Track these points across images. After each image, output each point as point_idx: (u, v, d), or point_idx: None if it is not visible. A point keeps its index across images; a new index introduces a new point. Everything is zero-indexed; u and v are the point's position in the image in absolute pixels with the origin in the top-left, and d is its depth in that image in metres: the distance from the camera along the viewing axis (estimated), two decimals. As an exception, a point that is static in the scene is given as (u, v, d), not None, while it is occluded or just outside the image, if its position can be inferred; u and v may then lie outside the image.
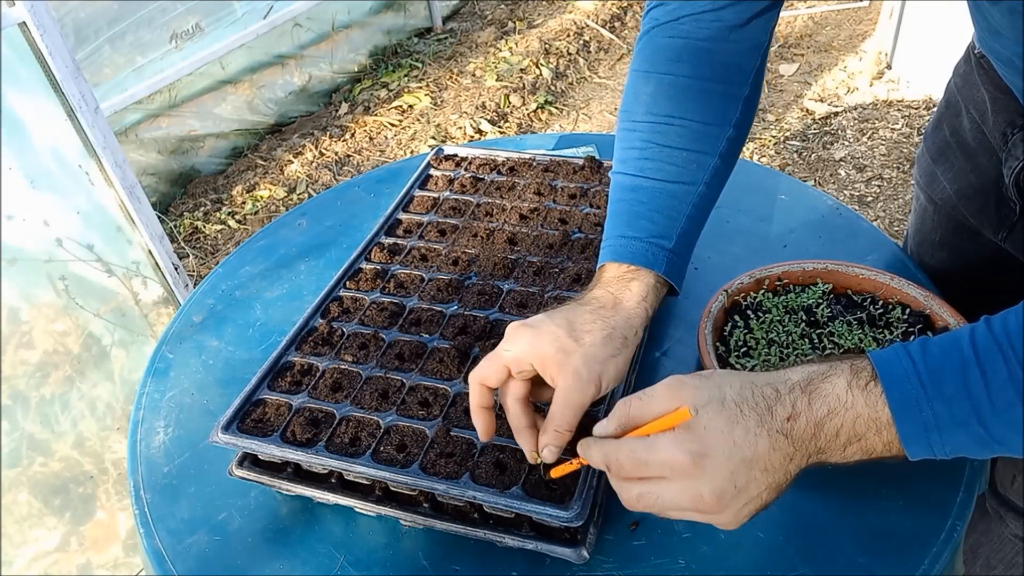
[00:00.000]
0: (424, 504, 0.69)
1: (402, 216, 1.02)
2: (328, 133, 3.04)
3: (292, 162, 2.87)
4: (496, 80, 3.25)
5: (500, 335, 0.80)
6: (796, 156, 2.76)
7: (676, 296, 0.76)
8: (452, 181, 1.08)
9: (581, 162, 1.06)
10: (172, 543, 0.72)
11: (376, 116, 3.13)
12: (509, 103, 3.14)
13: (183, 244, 2.55)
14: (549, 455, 0.62)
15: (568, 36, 3.56)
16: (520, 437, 0.64)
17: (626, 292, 0.70)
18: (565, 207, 0.99)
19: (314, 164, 2.87)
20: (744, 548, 0.67)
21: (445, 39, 3.67)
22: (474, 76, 3.34)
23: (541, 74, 3.31)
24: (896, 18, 3.00)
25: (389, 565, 0.68)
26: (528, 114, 3.12)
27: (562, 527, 0.65)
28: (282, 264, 1.06)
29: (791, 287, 0.85)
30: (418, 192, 1.06)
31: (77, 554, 1.53)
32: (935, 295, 0.80)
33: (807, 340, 0.79)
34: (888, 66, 3.14)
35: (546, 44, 3.47)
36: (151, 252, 1.64)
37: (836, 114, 2.94)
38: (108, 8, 2.33)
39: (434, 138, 2.97)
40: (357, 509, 0.70)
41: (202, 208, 2.70)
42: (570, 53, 3.47)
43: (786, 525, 0.68)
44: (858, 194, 2.56)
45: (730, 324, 0.81)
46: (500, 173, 1.08)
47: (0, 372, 1.40)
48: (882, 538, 0.66)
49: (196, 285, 1.06)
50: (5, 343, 1.40)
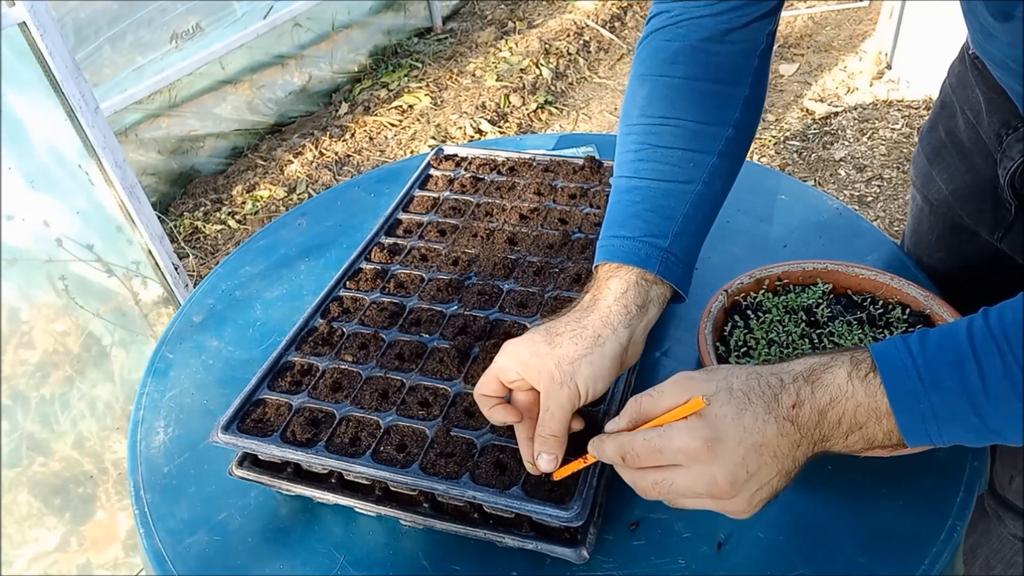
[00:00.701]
0: (424, 504, 0.69)
1: (402, 216, 1.02)
2: (328, 133, 3.03)
3: (292, 162, 2.87)
4: (496, 80, 3.25)
5: (500, 335, 0.81)
6: (796, 156, 2.76)
7: (684, 301, 0.74)
8: (452, 181, 1.08)
9: (581, 162, 1.06)
10: (172, 543, 0.72)
11: (376, 116, 3.13)
12: (509, 103, 3.14)
13: (183, 244, 2.55)
14: (544, 463, 0.63)
15: (568, 36, 3.56)
16: (522, 448, 0.66)
17: (604, 290, 0.70)
18: (565, 207, 0.99)
19: (314, 164, 2.87)
20: (744, 548, 0.67)
21: (445, 39, 3.67)
22: (474, 76, 3.34)
23: (541, 74, 3.31)
24: (896, 18, 3.00)
25: (389, 565, 0.69)
26: (528, 114, 3.12)
27: (562, 527, 0.65)
28: (282, 264, 1.06)
29: (791, 287, 0.85)
30: (418, 192, 1.06)
31: (77, 554, 1.53)
32: (935, 295, 0.80)
33: (807, 340, 0.79)
34: (888, 66, 3.14)
35: (546, 44, 3.47)
36: (151, 252, 1.64)
37: (836, 114, 2.94)
38: (108, 8, 2.33)
39: (434, 138, 2.97)
40: (357, 509, 0.70)
41: (202, 208, 2.70)
42: (570, 53, 3.47)
43: (786, 525, 0.68)
44: (858, 194, 2.56)
45: (730, 324, 0.81)
46: (500, 173, 1.08)
47: (0, 372, 1.40)
48: (882, 538, 0.66)
49: (196, 285, 1.06)
50: (5, 343, 1.40)
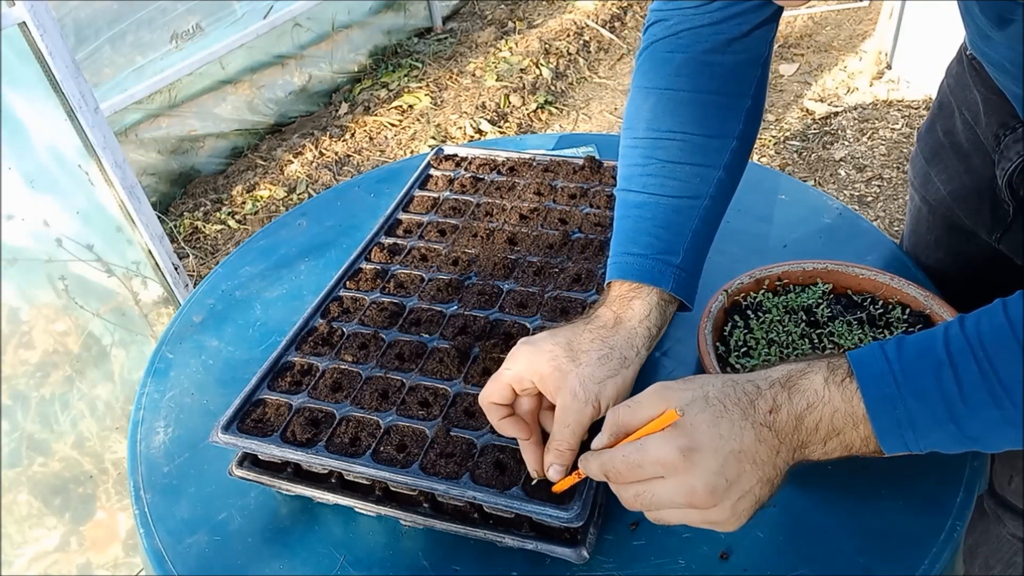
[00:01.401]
0: (424, 504, 0.69)
1: (402, 216, 1.02)
2: (328, 133, 3.03)
3: (292, 162, 2.87)
4: (496, 80, 3.25)
5: (500, 335, 0.81)
6: (796, 156, 2.76)
7: (689, 311, 0.76)
8: (452, 181, 1.08)
9: (581, 162, 1.06)
10: (172, 543, 0.72)
11: (376, 116, 3.13)
12: (509, 103, 3.14)
13: (183, 244, 2.55)
14: (554, 474, 0.63)
15: (568, 36, 3.56)
16: (525, 451, 0.66)
17: (628, 311, 0.70)
18: (565, 207, 0.99)
19: (314, 164, 2.87)
20: (744, 548, 0.67)
21: (445, 39, 3.67)
22: (474, 76, 3.34)
23: (541, 74, 3.31)
24: (896, 18, 3.00)
25: (389, 565, 0.68)
26: (528, 114, 3.12)
27: (562, 527, 0.65)
28: (282, 264, 1.06)
29: (791, 287, 0.85)
30: (418, 192, 1.06)
31: (77, 554, 1.53)
32: (935, 295, 0.80)
33: (807, 340, 0.79)
34: (888, 66, 3.14)
35: (546, 44, 3.47)
36: (151, 252, 1.64)
37: (836, 114, 2.94)
38: (108, 8, 2.33)
39: (434, 138, 2.97)
40: (357, 509, 0.70)
41: (202, 208, 2.70)
42: (570, 53, 3.47)
43: (786, 525, 0.68)
44: (858, 194, 2.56)
45: (730, 324, 0.81)
46: (500, 173, 1.08)
47: (0, 372, 1.40)
48: (882, 538, 0.66)
49: (196, 285, 1.06)
50: (5, 343, 1.40)
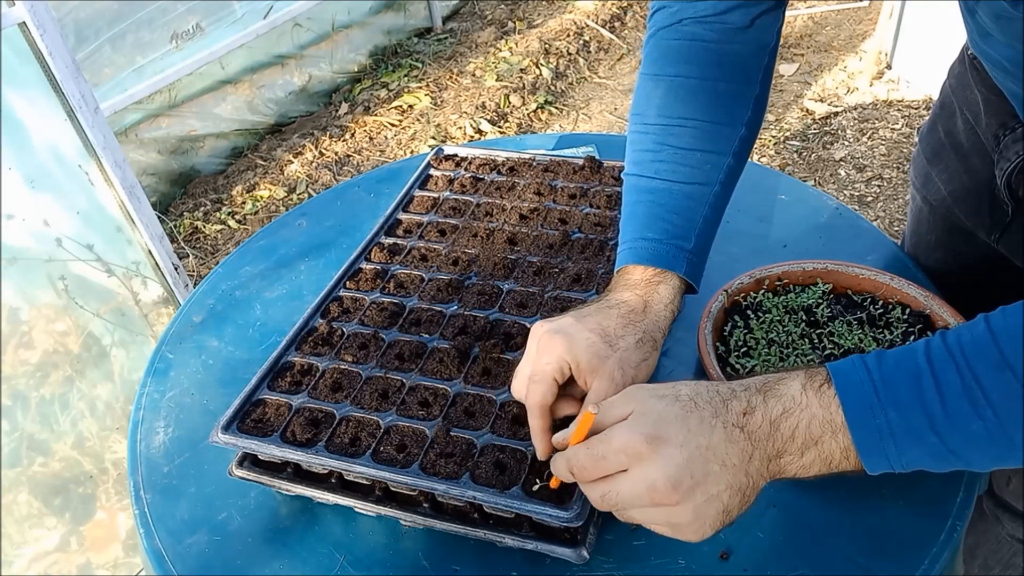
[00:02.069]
0: (424, 504, 0.69)
1: (402, 216, 1.02)
2: (328, 133, 3.03)
3: (292, 162, 2.87)
4: (496, 80, 3.25)
5: (500, 335, 0.81)
6: (796, 156, 2.76)
7: (695, 294, 0.78)
8: (452, 181, 1.08)
9: (581, 162, 1.06)
10: (172, 543, 0.72)
11: (376, 116, 3.13)
12: (509, 103, 3.14)
13: (183, 244, 2.55)
14: None
15: (568, 36, 3.56)
16: (537, 438, 0.65)
17: (654, 295, 0.72)
18: (565, 207, 0.99)
19: (314, 164, 2.87)
20: (744, 548, 0.67)
21: (445, 39, 3.67)
22: (474, 76, 3.34)
23: (541, 74, 3.31)
24: (896, 18, 3.00)
25: (389, 565, 0.68)
26: (528, 114, 3.12)
27: (562, 527, 0.65)
28: (282, 264, 1.06)
29: (791, 287, 0.85)
30: (418, 192, 1.06)
31: (77, 554, 1.53)
32: (935, 295, 0.80)
33: (807, 340, 0.79)
34: (888, 66, 3.14)
35: (546, 44, 3.47)
36: (151, 252, 1.64)
37: (836, 114, 2.94)
38: (108, 8, 2.33)
39: (434, 138, 2.97)
40: (357, 509, 0.70)
41: (202, 208, 2.70)
42: (570, 53, 3.47)
43: (786, 525, 0.68)
44: (858, 194, 2.56)
45: (730, 324, 0.81)
46: (500, 173, 1.08)
47: (0, 372, 1.40)
48: (882, 538, 0.66)
49: (196, 285, 1.06)
50: (5, 343, 1.40)
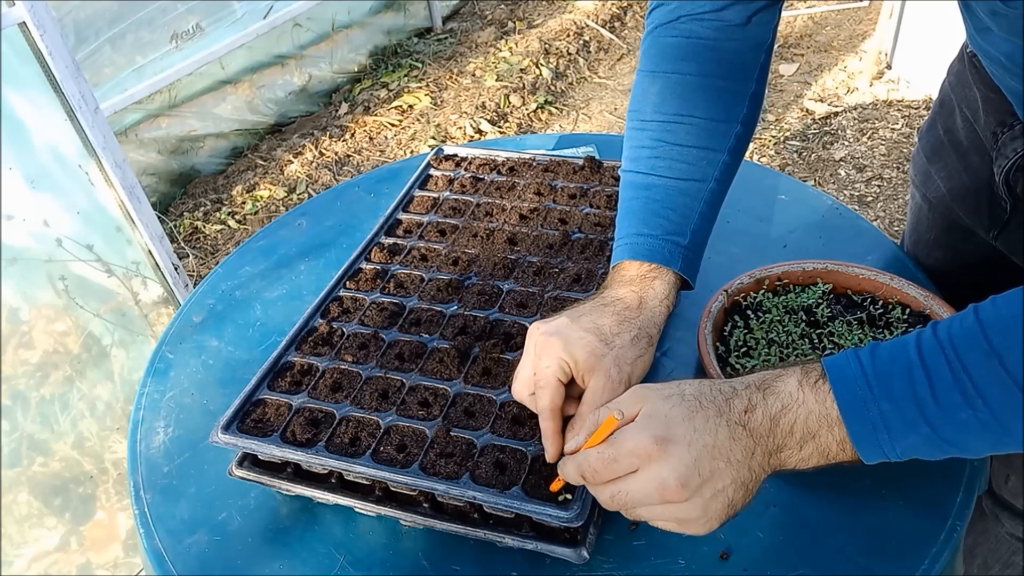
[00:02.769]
0: (424, 504, 0.69)
1: (402, 216, 1.02)
2: (328, 133, 3.03)
3: (292, 162, 2.87)
4: (496, 80, 3.25)
5: (500, 335, 0.81)
6: (796, 156, 2.76)
7: (691, 290, 0.78)
8: (452, 181, 1.08)
9: (581, 162, 1.06)
10: (172, 543, 0.72)
11: (376, 116, 3.13)
12: (509, 103, 3.14)
13: (183, 244, 2.55)
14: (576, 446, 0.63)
15: (568, 36, 3.56)
16: (549, 440, 0.65)
17: (649, 291, 0.72)
18: (565, 207, 0.99)
19: (314, 164, 2.87)
20: (744, 548, 0.67)
21: (445, 39, 3.67)
22: (474, 76, 3.34)
23: (541, 74, 3.31)
24: (896, 18, 3.00)
25: (389, 565, 0.68)
26: (528, 114, 3.12)
27: (562, 527, 0.65)
28: (282, 264, 1.06)
29: (791, 287, 0.85)
30: (418, 192, 1.06)
31: (77, 554, 1.53)
32: (935, 295, 0.80)
33: (807, 340, 0.79)
34: (888, 66, 3.14)
35: (546, 44, 3.47)
36: (151, 252, 1.64)
37: (836, 114, 2.94)
38: (108, 8, 2.33)
39: (434, 138, 2.97)
40: (357, 509, 0.70)
41: (202, 208, 2.70)
42: (570, 53, 3.47)
43: (786, 525, 0.68)
44: (858, 194, 2.56)
45: (730, 324, 0.81)
46: (500, 173, 1.08)
47: (0, 372, 1.40)
48: (882, 538, 0.66)
49: (196, 285, 1.06)
50: (5, 343, 1.40)
